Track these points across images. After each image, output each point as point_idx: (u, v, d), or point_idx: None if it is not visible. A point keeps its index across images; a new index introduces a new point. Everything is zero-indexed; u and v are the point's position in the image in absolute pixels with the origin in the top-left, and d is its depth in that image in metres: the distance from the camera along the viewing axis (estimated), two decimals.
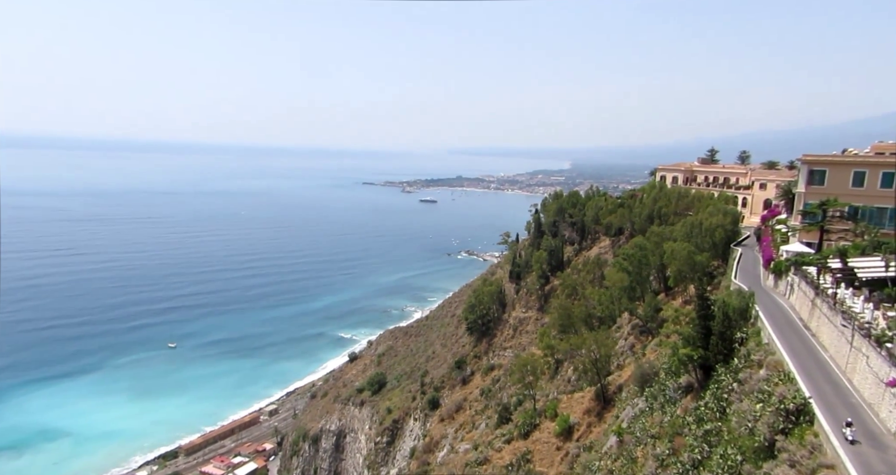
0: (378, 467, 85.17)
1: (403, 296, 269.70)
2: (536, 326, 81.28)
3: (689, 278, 48.82)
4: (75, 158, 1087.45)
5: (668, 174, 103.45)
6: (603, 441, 33.93)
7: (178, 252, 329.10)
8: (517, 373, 53.54)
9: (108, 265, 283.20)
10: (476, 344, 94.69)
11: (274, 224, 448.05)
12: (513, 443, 45.14)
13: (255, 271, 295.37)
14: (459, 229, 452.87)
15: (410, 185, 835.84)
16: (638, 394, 34.38)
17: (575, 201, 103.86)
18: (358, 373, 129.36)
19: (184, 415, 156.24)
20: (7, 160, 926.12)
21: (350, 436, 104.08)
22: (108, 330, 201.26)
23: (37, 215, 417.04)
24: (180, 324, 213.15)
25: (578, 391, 47.15)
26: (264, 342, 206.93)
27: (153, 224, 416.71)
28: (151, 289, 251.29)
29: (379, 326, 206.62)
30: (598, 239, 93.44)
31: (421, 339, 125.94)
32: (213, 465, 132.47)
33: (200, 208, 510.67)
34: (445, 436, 66.87)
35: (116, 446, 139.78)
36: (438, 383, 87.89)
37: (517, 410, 54.99)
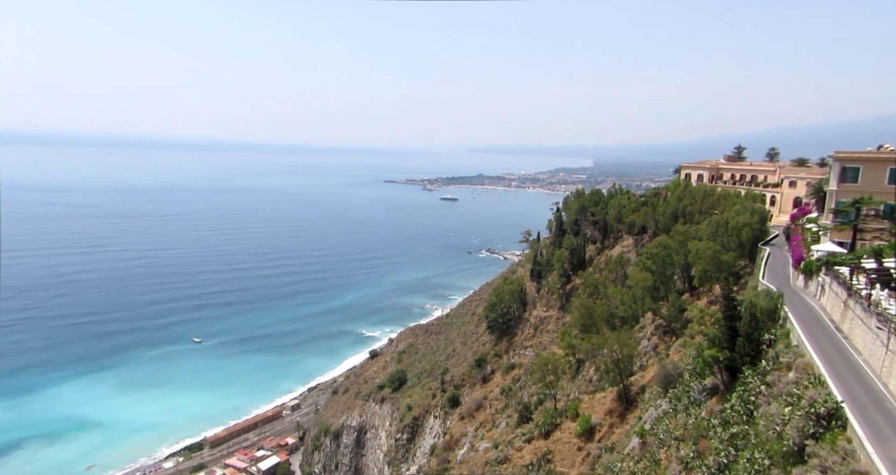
0: (398, 464, 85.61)
1: (424, 294, 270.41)
2: (557, 325, 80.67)
3: (715, 278, 47.83)
4: (103, 156, 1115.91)
5: (692, 172, 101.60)
6: (625, 442, 33.49)
7: (203, 248, 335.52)
8: (538, 373, 53.15)
9: (137, 262, 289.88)
10: (496, 342, 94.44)
11: (297, 221, 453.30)
12: (533, 443, 44.88)
13: (278, 268, 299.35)
14: (480, 227, 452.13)
15: (431, 183, 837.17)
16: (661, 396, 33.83)
17: (597, 199, 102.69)
18: (379, 370, 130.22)
19: (208, 408, 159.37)
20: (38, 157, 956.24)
21: (370, 433, 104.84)
22: (137, 324, 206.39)
23: (68, 211, 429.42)
24: (205, 320, 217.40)
25: (600, 391, 46.63)
26: (287, 338, 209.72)
27: (179, 221, 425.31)
28: (177, 285, 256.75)
29: (400, 324, 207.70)
30: (620, 237, 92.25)
31: (441, 337, 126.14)
32: (237, 458, 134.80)
33: (225, 205, 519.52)
34: (465, 435, 66.85)
35: (144, 437, 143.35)
36: (458, 381, 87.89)
37: (538, 410, 54.67)
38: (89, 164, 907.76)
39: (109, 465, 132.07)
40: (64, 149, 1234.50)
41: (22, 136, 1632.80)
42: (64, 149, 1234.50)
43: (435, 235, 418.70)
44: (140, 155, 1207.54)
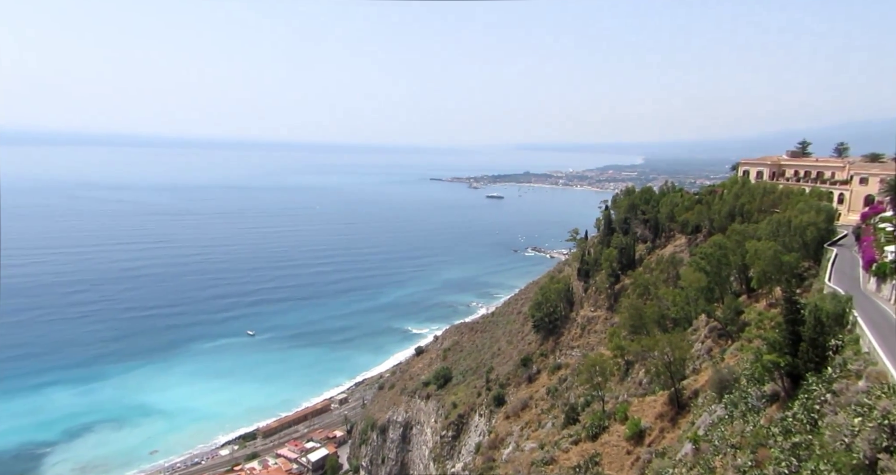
0: (443, 460, 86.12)
1: (469, 292, 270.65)
2: (605, 326, 79.02)
3: (775, 280, 45.56)
4: (158, 155, 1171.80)
5: (751, 168, 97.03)
6: (677, 448, 32.45)
7: (257, 245, 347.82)
8: (585, 374, 52.21)
9: (195, 258, 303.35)
10: (542, 342, 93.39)
11: (345, 219, 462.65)
12: (580, 445, 44.14)
13: (329, 265, 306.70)
14: (526, 225, 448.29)
15: (477, 181, 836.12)
16: (716, 401, 32.57)
17: (648, 197, 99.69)
18: (424, 367, 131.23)
19: (261, 399, 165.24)
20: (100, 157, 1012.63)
21: (416, 429, 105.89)
22: (196, 318, 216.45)
23: (131, 209, 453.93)
24: (259, 314, 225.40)
25: (650, 394, 45.36)
26: (335, 333, 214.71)
27: (234, 218, 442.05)
28: (233, 280, 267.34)
29: (445, 321, 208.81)
30: (672, 237, 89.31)
31: (486, 336, 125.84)
32: (288, 449, 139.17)
33: (276, 203, 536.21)
34: (511, 434, 66.54)
35: (202, 425, 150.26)
36: (504, 380, 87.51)
37: (585, 411, 53.71)
38: (146, 163, 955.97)
39: (170, 451, 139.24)
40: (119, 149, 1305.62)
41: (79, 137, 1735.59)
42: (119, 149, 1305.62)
43: (481, 233, 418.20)
44: (192, 154, 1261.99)
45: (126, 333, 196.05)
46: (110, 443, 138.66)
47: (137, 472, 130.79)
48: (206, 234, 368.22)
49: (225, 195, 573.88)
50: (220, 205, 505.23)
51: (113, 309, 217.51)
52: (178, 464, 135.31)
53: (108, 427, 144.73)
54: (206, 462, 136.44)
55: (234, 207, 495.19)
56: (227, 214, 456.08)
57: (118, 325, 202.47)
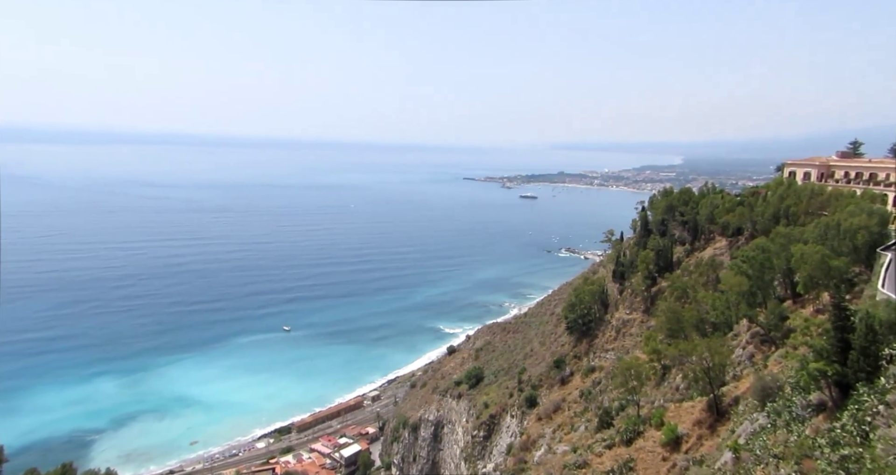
0: (475, 460, 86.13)
1: (502, 292, 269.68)
2: (641, 329, 77.54)
3: (823, 285, 43.80)
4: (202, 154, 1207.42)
5: (798, 169, 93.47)
6: (716, 456, 31.62)
7: (294, 242, 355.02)
8: (620, 377, 51.27)
9: (235, 254, 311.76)
10: (576, 344, 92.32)
11: (380, 218, 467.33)
12: (614, 449, 43.46)
13: (361, 263, 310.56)
14: (560, 226, 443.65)
15: (510, 181, 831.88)
16: (758, 409, 31.58)
17: (687, 198, 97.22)
18: (456, 366, 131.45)
19: (295, 394, 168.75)
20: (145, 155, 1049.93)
21: (448, 428, 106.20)
22: (235, 314, 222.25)
23: (174, 205, 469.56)
24: (295, 311, 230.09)
25: (688, 400, 44.26)
26: (368, 331, 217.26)
27: (271, 215, 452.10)
28: (271, 277, 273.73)
29: (477, 321, 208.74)
30: (712, 239, 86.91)
31: (519, 336, 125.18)
32: (322, 444, 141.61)
33: (312, 201, 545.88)
34: (543, 436, 66.04)
35: (239, 418, 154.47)
36: (536, 381, 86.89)
37: (619, 415, 52.84)
38: (187, 161, 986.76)
39: (210, 442, 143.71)
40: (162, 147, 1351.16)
41: (125, 136, 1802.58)
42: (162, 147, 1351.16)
43: (514, 233, 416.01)
44: (231, 153, 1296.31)
45: (169, 327, 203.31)
46: (153, 433, 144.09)
47: (178, 462, 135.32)
48: (244, 231, 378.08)
49: (263, 193, 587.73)
50: (258, 202, 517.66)
51: (157, 303, 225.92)
52: (216, 455, 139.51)
53: (152, 417, 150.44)
54: (244, 454, 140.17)
55: (272, 205, 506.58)
56: (265, 212, 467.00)
57: (162, 319, 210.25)
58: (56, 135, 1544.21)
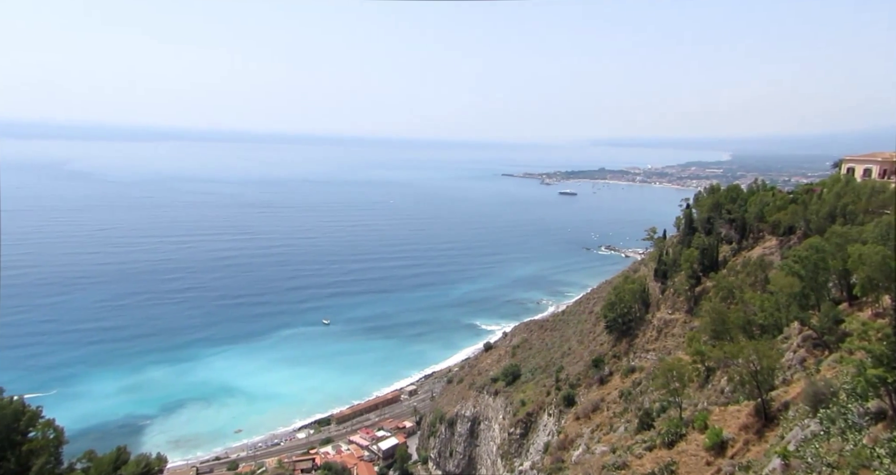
0: (511, 458, 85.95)
1: (539, 289, 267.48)
2: (684, 330, 75.52)
3: (883, 287, 41.59)
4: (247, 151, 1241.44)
5: (857, 166, 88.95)
6: (763, 462, 30.58)
7: (336, 237, 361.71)
8: (661, 378, 50.08)
9: (278, 249, 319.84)
10: (615, 343, 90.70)
11: (418, 214, 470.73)
12: (655, 452, 42.58)
13: (401, 259, 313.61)
14: (600, 223, 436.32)
15: (550, 177, 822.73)
16: (809, 415, 30.34)
17: (735, 196, 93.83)
18: (493, 363, 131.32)
19: (335, 386, 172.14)
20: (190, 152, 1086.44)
21: (484, 424, 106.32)
22: (278, 308, 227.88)
23: (221, 201, 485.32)
24: (333, 304, 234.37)
25: (733, 404, 42.91)
26: (406, 325, 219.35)
27: (314, 211, 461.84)
28: (313, 272, 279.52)
29: (514, 318, 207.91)
30: (761, 238, 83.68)
31: (556, 334, 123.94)
32: (360, 436, 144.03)
33: (353, 197, 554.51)
34: (581, 435, 65.32)
35: (281, 408, 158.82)
36: (574, 380, 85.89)
37: (660, 417, 51.76)
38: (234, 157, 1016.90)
39: (253, 431, 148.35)
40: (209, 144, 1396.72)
41: (175, 133, 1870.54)
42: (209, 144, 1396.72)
43: (552, 230, 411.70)
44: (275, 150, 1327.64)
45: (215, 319, 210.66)
46: (200, 421, 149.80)
47: (224, 449, 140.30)
48: (287, 226, 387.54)
49: (306, 189, 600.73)
50: (302, 198, 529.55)
51: (205, 296, 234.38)
52: (259, 443, 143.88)
53: (199, 405, 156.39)
54: (285, 444, 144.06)
55: (315, 201, 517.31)
56: (308, 207, 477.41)
57: (209, 311, 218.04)
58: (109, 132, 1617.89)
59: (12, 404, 48.23)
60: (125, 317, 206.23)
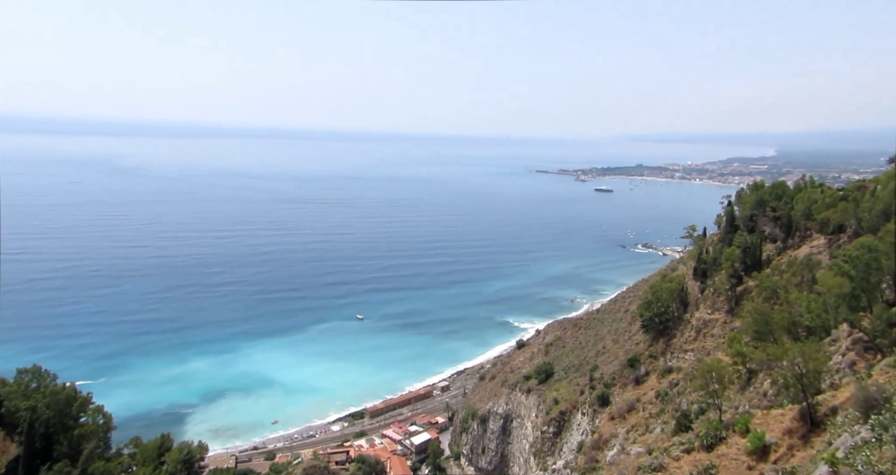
0: (544, 456, 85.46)
1: (573, 287, 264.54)
2: (724, 330, 73.55)
3: None
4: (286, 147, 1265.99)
5: None
6: (809, 468, 29.48)
7: (371, 233, 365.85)
8: (700, 379, 48.86)
9: (315, 245, 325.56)
10: (652, 343, 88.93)
11: (453, 210, 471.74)
12: (693, 454, 41.53)
13: (434, 256, 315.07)
14: (637, 220, 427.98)
15: (585, 174, 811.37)
16: (860, 421, 29.09)
17: (780, 193, 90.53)
18: (525, 361, 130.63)
19: (369, 381, 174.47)
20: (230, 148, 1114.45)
21: (516, 422, 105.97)
22: (315, 303, 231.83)
23: (260, 196, 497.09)
24: (368, 300, 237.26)
25: (777, 407, 41.47)
26: (438, 321, 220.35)
27: (350, 207, 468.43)
28: (349, 268, 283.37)
29: (547, 316, 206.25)
30: (808, 237, 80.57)
31: (591, 333, 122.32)
32: (393, 430, 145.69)
33: (388, 193, 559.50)
34: (616, 436, 64.37)
35: (316, 401, 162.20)
36: (609, 380, 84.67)
37: (698, 419, 50.50)
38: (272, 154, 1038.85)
39: (289, 422, 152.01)
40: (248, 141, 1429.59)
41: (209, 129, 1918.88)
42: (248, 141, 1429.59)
43: (587, 228, 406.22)
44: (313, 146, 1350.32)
45: (255, 313, 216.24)
46: (239, 411, 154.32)
47: (261, 440, 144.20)
48: (323, 222, 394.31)
49: (342, 185, 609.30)
50: (338, 194, 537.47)
51: (245, 290, 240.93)
52: (295, 434, 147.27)
53: (238, 396, 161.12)
54: (320, 436, 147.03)
55: (350, 197, 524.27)
56: (343, 203, 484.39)
57: (249, 305, 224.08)
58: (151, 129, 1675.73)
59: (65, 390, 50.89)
60: (171, 309, 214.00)
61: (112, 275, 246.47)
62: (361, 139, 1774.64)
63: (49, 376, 51.09)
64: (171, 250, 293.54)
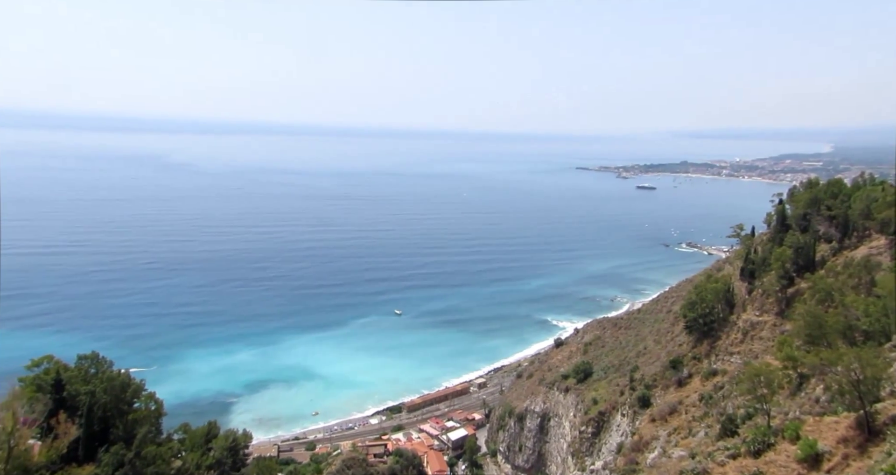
0: (582, 456, 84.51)
1: (613, 286, 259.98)
2: (773, 333, 70.83)
3: None
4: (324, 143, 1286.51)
5: None
6: None
7: (408, 229, 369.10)
8: (747, 383, 47.26)
9: (355, 242, 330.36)
10: (695, 344, 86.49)
11: (491, 207, 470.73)
12: (739, 460, 40.22)
13: (472, 253, 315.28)
14: (680, 219, 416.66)
15: (627, 171, 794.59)
16: None
17: (836, 191, 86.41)
18: (563, 359, 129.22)
19: (406, 375, 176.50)
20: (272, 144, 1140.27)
21: (554, 421, 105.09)
22: (355, 299, 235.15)
23: (300, 192, 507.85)
24: (407, 296, 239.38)
25: (830, 415, 39.73)
26: (476, 318, 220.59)
27: (389, 203, 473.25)
28: (388, 265, 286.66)
29: (586, 314, 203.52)
30: (867, 237, 76.63)
31: (631, 333, 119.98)
32: (430, 425, 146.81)
33: (426, 190, 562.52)
34: (656, 438, 63.07)
35: (355, 394, 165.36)
36: (650, 381, 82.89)
37: (745, 424, 48.94)
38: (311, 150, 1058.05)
39: (329, 414, 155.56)
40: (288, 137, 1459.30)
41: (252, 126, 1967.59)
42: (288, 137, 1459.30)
43: (628, 226, 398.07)
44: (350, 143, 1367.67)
45: (298, 308, 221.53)
46: (281, 400, 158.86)
47: (302, 430, 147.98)
48: (363, 218, 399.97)
49: (380, 181, 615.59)
50: (377, 190, 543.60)
51: (288, 285, 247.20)
52: (334, 426, 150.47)
53: (280, 386, 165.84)
54: (358, 428, 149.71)
55: (389, 193, 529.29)
56: (383, 200, 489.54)
57: (292, 300, 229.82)
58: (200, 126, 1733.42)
59: (120, 376, 53.44)
60: (219, 302, 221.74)
61: (165, 268, 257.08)
62: (401, 136, 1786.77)
63: (106, 363, 53.53)
64: (218, 245, 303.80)
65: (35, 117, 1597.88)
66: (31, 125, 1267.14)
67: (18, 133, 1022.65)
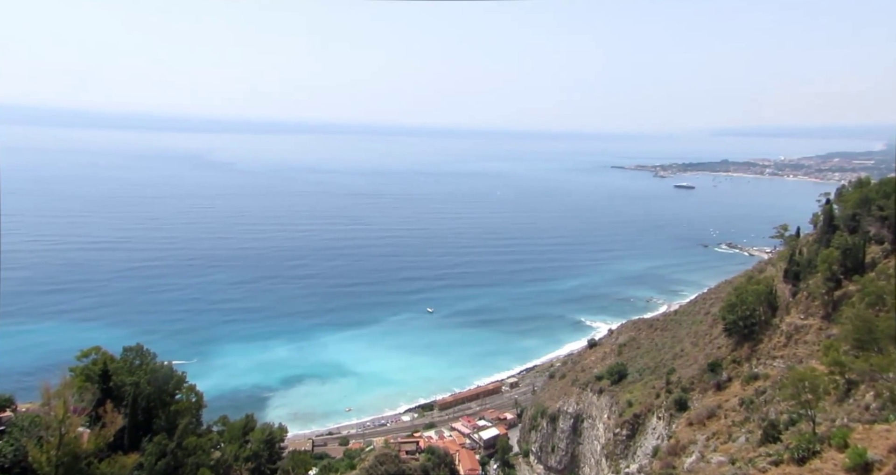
0: (616, 459, 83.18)
1: (649, 287, 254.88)
2: (819, 337, 68.13)
3: None
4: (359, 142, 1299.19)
5: None
6: None
7: (441, 228, 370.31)
8: (790, 388, 45.64)
9: (389, 240, 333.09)
10: (735, 347, 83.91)
11: (524, 206, 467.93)
12: (782, 467, 38.82)
13: (506, 251, 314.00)
14: (720, 219, 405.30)
15: (664, 170, 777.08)
16: None
17: (889, 190, 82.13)
18: (597, 360, 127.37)
19: (438, 374, 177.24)
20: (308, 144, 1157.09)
21: (587, 422, 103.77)
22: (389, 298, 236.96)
23: (336, 190, 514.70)
24: (440, 295, 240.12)
25: (881, 422, 37.98)
26: (509, 318, 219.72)
27: (422, 201, 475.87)
28: (419, 261, 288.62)
29: (620, 315, 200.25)
30: None
31: (668, 334, 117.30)
32: (462, 424, 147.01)
33: (460, 188, 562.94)
34: (694, 442, 61.49)
35: (388, 391, 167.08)
36: (687, 384, 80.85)
37: (788, 430, 47.28)
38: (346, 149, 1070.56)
39: (362, 411, 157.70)
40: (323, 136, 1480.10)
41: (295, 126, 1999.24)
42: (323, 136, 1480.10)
43: (666, 226, 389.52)
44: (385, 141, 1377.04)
45: (333, 305, 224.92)
46: (315, 396, 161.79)
47: (336, 425, 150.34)
48: (398, 217, 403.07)
49: (414, 180, 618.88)
50: (412, 189, 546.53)
51: (323, 283, 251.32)
52: (367, 422, 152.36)
53: (314, 382, 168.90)
54: (391, 425, 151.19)
55: (424, 192, 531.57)
56: (418, 198, 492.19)
57: (327, 297, 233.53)
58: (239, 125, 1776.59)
59: (163, 368, 55.41)
60: (257, 298, 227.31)
61: (205, 265, 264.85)
62: (437, 134, 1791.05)
63: (149, 355, 55.57)
64: (256, 242, 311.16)
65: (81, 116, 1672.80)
66: (74, 124, 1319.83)
67: (63, 132, 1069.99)
